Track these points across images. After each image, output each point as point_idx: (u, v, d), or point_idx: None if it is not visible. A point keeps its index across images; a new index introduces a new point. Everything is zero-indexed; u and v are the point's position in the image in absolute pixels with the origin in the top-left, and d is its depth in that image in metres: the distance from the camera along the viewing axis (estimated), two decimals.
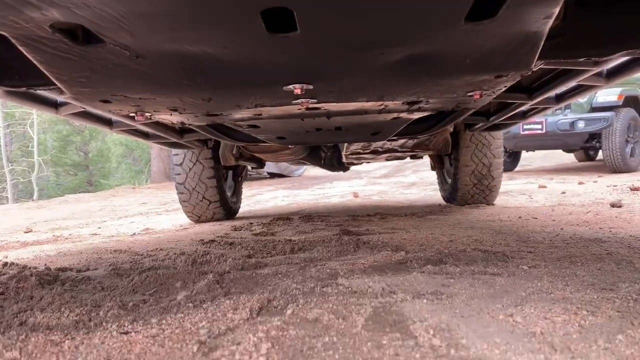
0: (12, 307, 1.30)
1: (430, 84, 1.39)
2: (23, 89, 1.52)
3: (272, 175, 12.01)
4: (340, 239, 2.46)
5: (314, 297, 1.27)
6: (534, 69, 1.65)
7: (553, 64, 1.90)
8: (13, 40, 0.99)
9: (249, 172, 8.60)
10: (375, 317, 1.03)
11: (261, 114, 1.94)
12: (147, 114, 1.61)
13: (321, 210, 5.21)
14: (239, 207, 5.14)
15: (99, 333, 1.09)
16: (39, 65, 1.11)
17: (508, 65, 1.26)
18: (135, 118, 1.62)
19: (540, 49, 1.17)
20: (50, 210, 7.52)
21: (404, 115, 2.26)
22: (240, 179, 5.20)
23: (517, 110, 3.27)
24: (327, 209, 5.26)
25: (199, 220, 4.62)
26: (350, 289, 1.33)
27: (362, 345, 0.86)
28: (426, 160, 5.51)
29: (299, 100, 1.54)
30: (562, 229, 2.67)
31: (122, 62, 1.11)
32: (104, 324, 1.16)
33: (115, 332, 1.09)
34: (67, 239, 4.07)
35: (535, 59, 1.22)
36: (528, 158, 12.07)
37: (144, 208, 7.04)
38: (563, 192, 5.44)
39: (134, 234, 4.06)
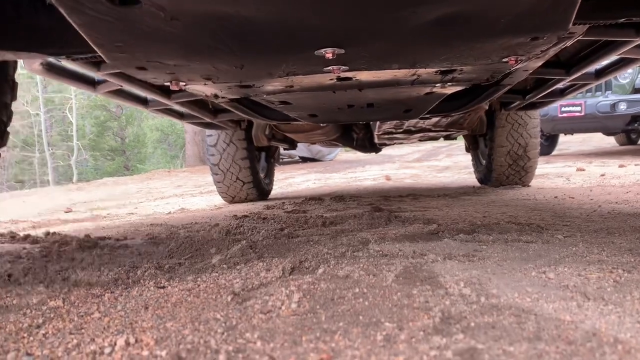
0: (55, 266, 1.36)
1: (463, 47, 1.37)
2: (63, 57, 1.56)
3: (304, 160, 12.05)
4: (372, 214, 2.47)
5: (345, 260, 1.28)
6: (572, 38, 1.61)
7: (592, 34, 1.83)
8: (55, 3, 1.02)
9: (281, 156, 8.66)
10: (405, 274, 1.03)
11: (292, 86, 1.95)
12: (181, 83, 1.64)
13: (353, 192, 5.21)
14: (272, 188, 5.18)
15: (137, 288, 1.13)
16: (78, 29, 1.14)
17: (544, 26, 1.22)
18: (170, 87, 1.65)
19: (577, 8, 1.14)
20: (89, 192, 7.75)
21: (437, 89, 2.23)
22: (272, 160, 5.24)
23: (554, 87, 3.18)
24: (359, 191, 5.26)
25: (232, 200, 4.68)
26: (380, 252, 1.33)
27: (392, 294, 0.87)
28: (460, 144, 5.45)
29: (330, 67, 1.54)
30: (600, 206, 2.61)
31: (156, 25, 1.13)
32: (141, 281, 1.20)
33: (152, 287, 1.12)
34: (105, 217, 4.20)
35: (572, 19, 1.19)
36: (565, 142, 11.75)
37: (179, 190, 7.19)
38: (602, 175, 5.28)
39: (170, 212, 4.16)
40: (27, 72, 2.35)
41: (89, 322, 0.89)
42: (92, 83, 2.64)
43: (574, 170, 6.13)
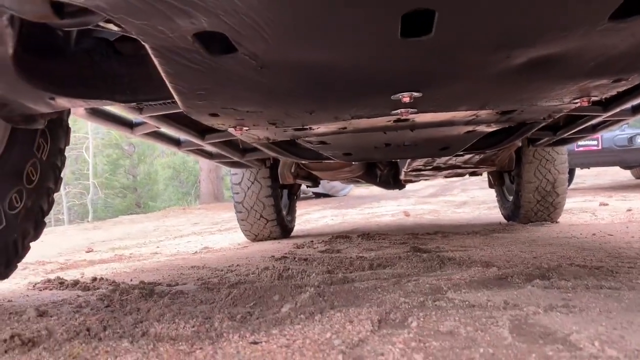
0: (127, 318, 1.31)
1: (543, 89, 1.35)
2: (133, 104, 1.56)
3: (318, 195, 12.02)
4: (418, 255, 2.41)
5: (431, 311, 1.22)
6: None
7: None
8: (150, 52, 1.00)
9: (300, 193, 8.64)
10: (518, 330, 0.98)
11: (346, 127, 1.93)
12: (245, 128, 1.62)
13: (375, 229, 5.16)
14: (294, 225, 5.15)
15: (225, 343, 1.08)
16: (165, 77, 1.13)
17: (632, 67, 1.20)
18: (234, 132, 1.63)
19: None
20: (106, 231, 7.71)
21: (480, 128, 2.21)
22: (295, 197, 5.22)
23: (587, 124, 3.15)
24: (381, 228, 5.20)
25: (255, 238, 4.64)
26: (466, 302, 1.28)
27: (525, 356, 0.81)
28: (474, 179, 5.40)
29: (398, 110, 1.52)
30: None
31: (246, 74, 1.12)
32: (224, 334, 1.15)
33: (242, 342, 1.07)
34: (130, 257, 4.15)
35: None
36: (581, 175, 11.69)
37: (196, 228, 7.14)
38: (629, 210, 5.22)
39: (196, 252, 4.10)
40: None
41: None
42: (130, 125, 2.64)
43: (597, 205, 6.07)
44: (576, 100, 1.50)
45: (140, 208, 22.53)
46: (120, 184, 24.55)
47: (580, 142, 8.30)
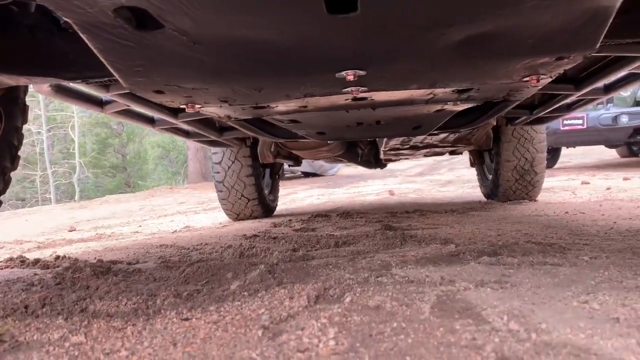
0: (71, 295, 1.32)
1: (487, 67, 1.35)
2: (79, 81, 1.54)
3: (306, 175, 12.03)
4: (384, 233, 2.43)
5: (371, 287, 1.24)
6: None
7: (605, 50, 1.81)
8: (75, 28, 0.99)
9: (284, 172, 8.63)
10: (440, 304, 0.99)
11: (306, 106, 1.92)
12: (197, 106, 1.62)
13: (358, 207, 5.18)
14: (276, 205, 5.15)
15: (159, 319, 1.09)
16: (98, 54, 1.12)
17: (572, 45, 1.20)
18: (185, 110, 1.62)
19: (607, 26, 1.11)
20: (92, 210, 7.70)
21: (448, 107, 2.21)
22: (277, 176, 5.22)
23: (562, 103, 3.16)
24: (364, 207, 5.22)
25: (237, 217, 4.65)
26: (406, 278, 1.30)
27: (433, 330, 0.83)
28: (462, 158, 5.42)
29: (348, 89, 1.52)
30: (614, 222, 2.57)
31: (178, 50, 1.11)
32: (162, 311, 1.16)
33: (175, 319, 1.09)
34: (110, 236, 4.16)
35: (601, 38, 1.17)
36: (567, 154, 11.74)
37: (182, 207, 7.15)
38: (608, 188, 5.26)
39: (175, 231, 4.11)
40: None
41: None
42: (99, 103, 2.62)
43: (579, 184, 6.11)
44: (525, 79, 1.50)
45: (130, 187, 22.45)
46: (109, 164, 24.42)
47: (565, 121, 8.32)
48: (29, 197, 22.56)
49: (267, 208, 4.73)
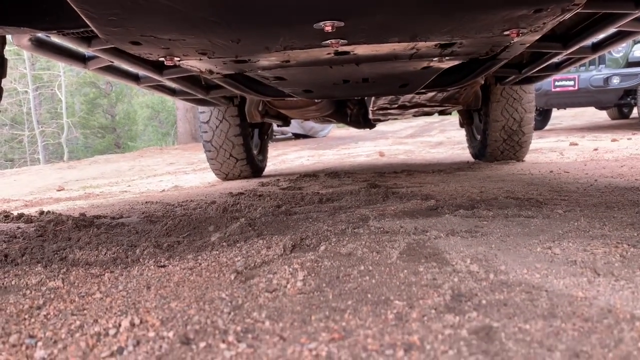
0: (52, 246, 1.34)
1: (465, 19, 1.34)
2: (54, 32, 1.52)
3: (297, 136, 11.99)
4: (368, 190, 2.46)
5: (346, 237, 1.27)
6: (575, 9, 1.57)
7: (591, 6, 1.80)
8: None
9: (274, 133, 8.60)
10: (409, 251, 1.02)
11: (289, 61, 1.91)
12: (176, 59, 1.60)
13: (347, 168, 5.20)
14: (265, 165, 5.16)
15: (136, 267, 1.11)
16: (70, 2, 1.10)
17: None
18: (165, 62, 1.61)
19: None
20: (81, 170, 7.68)
21: (434, 63, 2.20)
22: (266, 137, 5.20)
23: (550, 61, 3.15)
24: (352, 167, 5.25)
25: (226, 177, 4.66)
26: (381, 229, 1.32)
27: (398, 272, 0.86)
28: (453, 120, 5.42)
29: (328, 41, 1.50)
30: (596, 180, 2.61)
31: None
32: (140, 260, 1.19)
33: (153, 266, 1.11)
34: (98, 195, 4.17)
35: None
36: (558, 117, 11.76)
37: (171, 168, 7.14)
38: (595, 149, 5.30)
39: (164, 190, 4.13)
40: (15, 48, 2.29)
41: (90, 302, 0.87)
42: (82, 59, 2.58)
43: (567, 145, 6.15)
44: (506, 32, 1.49)
45: (119, 148, 22.31)
46: (98, 124, 24.16)
47: (556, 83, 8.28)
48: (17, 157, 22.38)
49: (256, 168, 4.73)
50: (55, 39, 2.17)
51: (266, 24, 1.30)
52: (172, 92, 3.57)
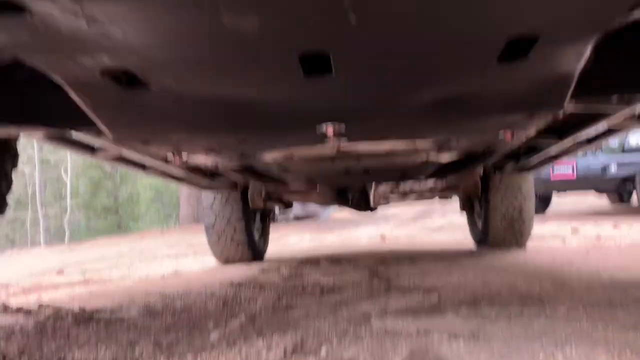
0: (51, 344, 1.33)
1: (461, 123, 1.41)
2: (67, 129, 1.59)
3: (299, 218, 12.02)
4: (370, 282, 2.44)
5: (348, 338, 1.25)
6: (564, 111, 1.66)
7: (584, 108, 1.89)
8: (65, 85, 1.04)
9: (275, 215, 8.63)
10: (412, 357, 1.01)
11: (293, 156, 1.98)
12: (183, 155, 1.66)
13: (348, 253, 5.17)
14: (266, 249, 5.14)
15: None
16: (85, 108, 1.17)
17: (540, 105, 1.27)
18: (173, 159, 1.67)
19: (571, 88, 1.18)
20: (81, 253, 7.65)
21: (432, 157, 2.27)
22: (267, 220, 5.23)
23: (546, 153, 3.24)
24: (354, 253, 5.22)
25: (226, 261, 4.62)
26: (384, 330, 1.31)
27: None
28: (454, 203, 5.45)
29: (329, 140, 1.57)
30: (599, 272, 2.60)
31: (163, 105, 1.16)
32: None
33: None
34: (97, 281, 4.12)
35: (567, 99, 1.23)
36: (558, 202, 11.82)
37: (172, 251, 7.11)
38: (597, 236, 5.29)
39: (164, 275, 4.09)
40: None
41: None
42: (91, 149, 2.66)
43: (569, 231, 6.14)
44: (500, 134, 1.56)
45: (121, 229, 22.32)
46: (101, 205, 24.33)
47: (555, 169, 8.42)
48: (19, 238, 22.30)
49: (256, 252, 4.70)
50: None
51: (272, 128, 1.37)
52: (177, 178, 3.64)
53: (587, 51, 0.99)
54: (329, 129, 1.37)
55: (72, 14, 0.74)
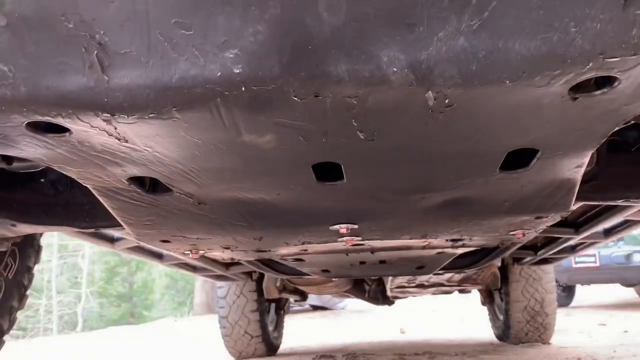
0: None
1: (471, 224, 1.44)
2: (92, 230, 1.66)
3: (315, 308, 11.74)
4: None
5: None
6: (574, 209, 1.69)
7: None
8: (93, 191, 1.12)
9: (291, 305, 8.49)
10: None
11: (307, 250, 2.01)
12: (200, 252, 1.71)
13: (366, 347, 5.02)
14: (281, 342, 5.01)
15: None
16: (111, 211, 1.23)
17: (546, 207, 1.30)
18: (190, 256, 1.71)
19: (576, 192, 1.22)
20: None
21: (448, 250, 2.28)
22: (282, 312, 5.14)
23: (564, 245, 3.21)
24: (372, 346, 5.07)
25: (239, 356, 4.50)
26: None
27: None
28: (475, 294, 5.33)
29: (343, 238, 1.60)
30: None
31: (185, 208, 1.22)
32: None
33: None
34: None
35: (573, 201, 1.26)
36: (584, 292, 11.44)
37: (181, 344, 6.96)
38: (625, 331, 5.08)
39: None
40: None
41: None
42: (110, 240, 2.73)
43: (595, 325, 5.91)
44: (512, 232, 1.58)
45: (134, 318, 21.98)
46: (115, 292, 24.16)
47: (577, 259, 8.24)
48: (31, 326, 22.03)
49: (270, 346, 4.59)
50: None
51: (287, 227, 1.41)
52: (193, 268, 3.66)
53: (588, 158, 1.03)
54: (342, 229, 1.42)
55: (106, 134, 0.82)
